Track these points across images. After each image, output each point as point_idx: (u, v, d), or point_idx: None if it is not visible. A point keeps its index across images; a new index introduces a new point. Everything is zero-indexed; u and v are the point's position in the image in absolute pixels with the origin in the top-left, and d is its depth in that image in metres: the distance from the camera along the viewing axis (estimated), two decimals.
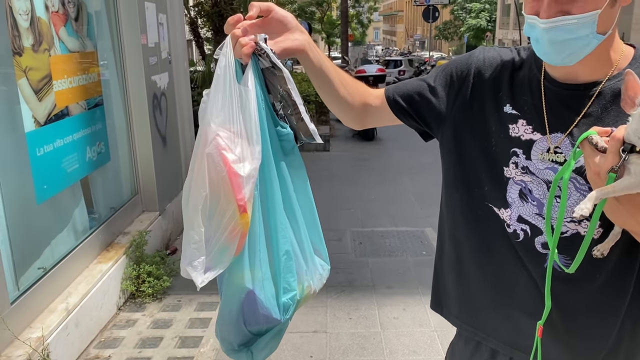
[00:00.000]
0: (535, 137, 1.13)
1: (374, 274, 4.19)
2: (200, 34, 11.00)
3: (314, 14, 34.36)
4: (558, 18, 1.00)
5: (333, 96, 1.29)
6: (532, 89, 1.15)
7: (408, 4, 55.20)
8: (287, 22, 1.13)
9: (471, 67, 1.24)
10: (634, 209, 0.95)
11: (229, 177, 1.03)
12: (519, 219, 1.16)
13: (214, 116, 1.05)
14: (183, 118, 5.15)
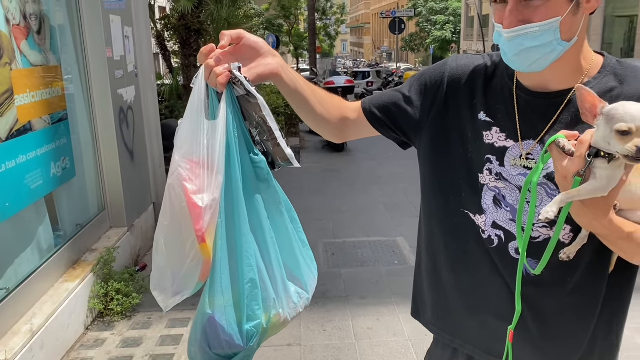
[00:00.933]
0: (509, 144, 1.15)
1: (347, 284, 4.18)
2: (167, 47, 10.90)
3: (281, 26, 34.48)
4: (520, 27, 1.02)
5: (311, 114, 1.31)
6: (505, 97, 1.17)
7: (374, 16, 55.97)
8: (259, 48, 1.14)
9: (445, 75, 1.26)
10: (598, 213, 0.97)
11: (189, 207, 1.05)
12: (493, 224, 1.18)
13: (178, 147, 1.07)
14: (151, 132, 5.08)
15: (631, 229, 1.01)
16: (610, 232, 1.00)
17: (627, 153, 0.88)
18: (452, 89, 1.24)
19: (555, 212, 0.95)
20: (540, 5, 1.01)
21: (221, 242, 1.09)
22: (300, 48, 35.98)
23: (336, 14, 44.09)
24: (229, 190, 1.09)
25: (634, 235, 1.01)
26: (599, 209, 0.97)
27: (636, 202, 1.02)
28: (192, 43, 9.77)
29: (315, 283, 1.24)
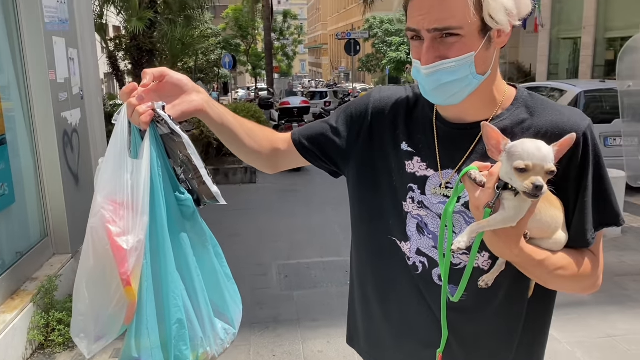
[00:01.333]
0: (429, 174, 1.19)
1: (299, 307, 4.15)
2: (119, 67, 10.75)
3: (239, 46, 34.54)
4: (437, 63, 1.06)
5: (241, 147, 1.31)
6: (426, 128, 1.21)
7: (332, 37, 56.76)
8: (183, 85, 1.14)
9: (369, 107, 1.29)
10: (510, 242, 1.00)
11: (112, 250, 1.03)
12: (417, 251, 1.20)
13: (100, 188, 1.05)
14: (97, 155, 4.95)
15: (542, 257, 1.05)
16: (522, 260, 1.04)
17: (524, 190, 0.92)
18: (376, 120, 1.27)
19: (467, 242, 0.98)
20: (456, 42, 1.05)
21: (147, 284, 1.07)
22: (258, 67, 36.10)
23: (293, 34, 44.52)
24: (154, 230, 1.08)
25: (545, 263, 1.05)
26: (510, 238, 1.00)
27: (546, 231, 1.06)
28: (145, 63, 9.67)
29: (241, 316, 1.23)
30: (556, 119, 1.11)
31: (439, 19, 1.04)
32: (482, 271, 1.14)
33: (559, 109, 1.14)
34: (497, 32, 1.07)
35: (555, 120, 1.11)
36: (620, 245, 5.40)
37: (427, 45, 1.06)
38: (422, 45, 1.08)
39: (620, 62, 4.90)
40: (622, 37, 15.27)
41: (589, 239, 1.11)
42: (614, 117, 6.94)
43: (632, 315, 3.90)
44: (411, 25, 1.09)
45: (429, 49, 1.06)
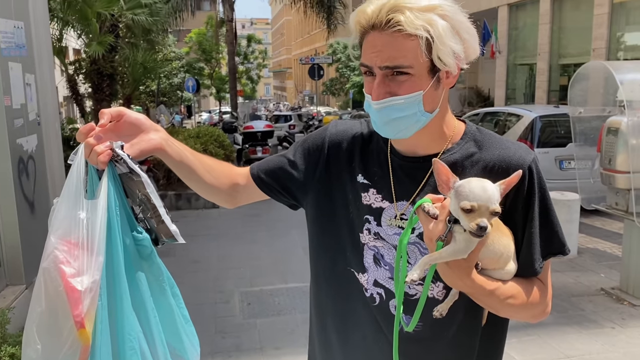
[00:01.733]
0: (385, 205, 1.22)
1: (262, 335, 4.10)
2: (79, 91, 10.56)
3: (202, 69, 34.46)
4: (387, 99, 1.11)
5: (199, 183, 1.31)
6: (381, 161, 1.25)
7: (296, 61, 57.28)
8: (141, 124, 1.15)
9: (325, 140, 1.32)
10: (461, 273, 1.03)
11: (66, 292, 1.01)
12: (374, 283, 1.22)
13: (54, 228, 1.03)
14: (54, 181, 4.83)
15: (493, 287, 1.09)
16: (474, 290, 1.07)
17: (469, 229, 0.95)
18: (333, 153, 1.31)
19: (419, 274, 1.01)
20: (406, 80, 1.10)
21: (102, 326, 1.04)
22: (222, 91, 36.03)
23: (258, 58, 44.70)
24: (110, 270, 1.06)
25: (496, 292, 1.09)
26: (461, 270, 1.04)
27: (497, 261, 1.09)
28: (105, 87, 9.54)
29: (198, 358, 1.21)
30: (503, 153, 1.16)
31: (391, 58, 1.08)
32: (437, 301, 1.16)
33: (505, 144, 1.19)
34: (445, 73, 1.12)
35: (502, 155, 1.16)
36: (576, 266, 5.55)
37: (378, 81, 1.11)
38: (374, 80, 1.12)
39: (572, 89, 5.11)
40: (574, 64, 15.91)
41: (537, 268, 1.15)
42: (568, 141, 7.19)
43: (588, 336, 4.00)
44: (364, 61, 1.13)
45: (379, 84, 1.11)
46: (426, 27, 1.05)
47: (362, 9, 1.12)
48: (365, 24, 1.11)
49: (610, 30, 15.19)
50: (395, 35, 1.07)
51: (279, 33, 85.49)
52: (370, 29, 1.10)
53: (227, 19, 20.41)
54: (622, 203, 4.68)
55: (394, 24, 1.07)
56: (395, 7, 1.07)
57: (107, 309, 1.05)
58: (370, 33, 1.11)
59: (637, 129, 4.48)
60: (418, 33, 1.05)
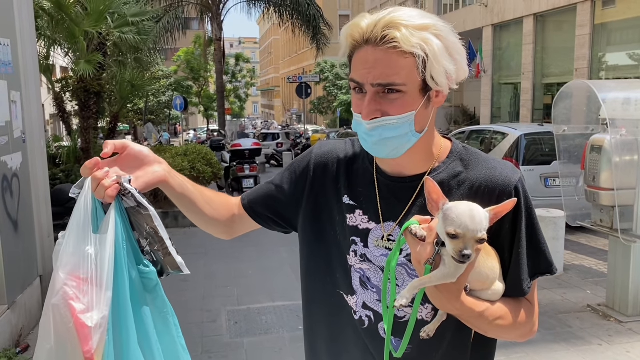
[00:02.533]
0: (371, 226, 1.20)
1: (249, 355, 4.05)
2: (65, 109, 10.49)
3: (190, 88, 34.51)
4: (380, 119, 1.09)
5: (199, 215, 1.31)
6: (367, 181, 1.23)
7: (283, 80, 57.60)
8: (144, 157, 1.14)
9: (310, 163, 1.32)
10: (450, 296, 1.02)
11: (76, 328, 0.99)
12: (363, 305, 1.21)
13: (63, 263, 1.01)
14: (39, 200, 4.78)
15: (482, 309, 1.08)
16: (463, 312, 1.06)
17: (453, 255, 0.95)
18: (318, 175, 1.29)
19: (408, 299, 1.00)
20: (397, 98, 1.08)
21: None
22: (210, 109, 36.07)
23: (246, 77, 44.91)
24: (117, 305, 1.05)
25: (485, 314, 1.08)
26: (451, 293, 1.02)
27: (485, 283, 1.09)
28: (92, 105, 9.48)
29: None
30: (489, 173, 1.15)
31: (384, 75, 1.06)
32: (425, 323, 1.15)
33: (491, 163, 1.18)
34: (435, 93, 1.11)
35: (488, 175, 1.15)
36: (563, 283, 5.58)
37: (369, 98, 1.09)
38: (364, 98, 1.10)
39: (555, 107, 5.18)
40: (558, 83, 16.18)
41: (525, 288, 1.14)
42: (553, 159, 7.28)
43: (575, 352, 4.00)
44: (355, 78, 1.11)
45: (370, 102, 1.08)
46: (422, 46, 1.04)
47: (356, 23, 1.10)
48: (359, 38, 1.09)
49: (592, 51, 15.51)
50: (389, 52, 1.05)
51: (267, 52, 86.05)
52: (364, 43, 1.08)
53: (216, 38, 20.52)
54: (606, 220, 4.73)
55: (390, 40, 1.05)
56: (391, 23, 1.05)
57: (113, 344, 1.04)
58: (362, 48, 1.09)
59: (620, 147, 4.55)
60: (414, 51, 1.04)
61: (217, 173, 10.92)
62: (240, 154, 10.56)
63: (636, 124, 4.40)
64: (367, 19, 1.09)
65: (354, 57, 1.11)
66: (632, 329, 4.38)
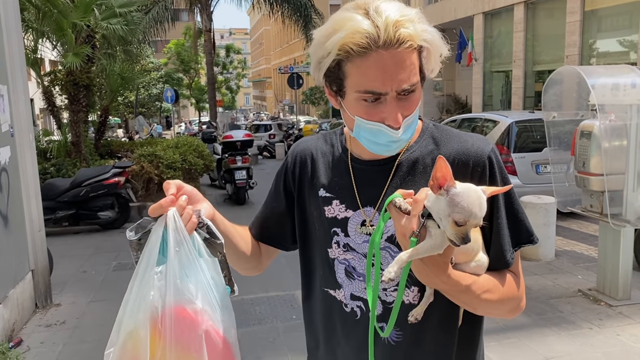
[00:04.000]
0: (349, 214, 1.20)
1: (243, 345, 4.05)
2: (55, 102, 10.41)
3: (181, 80, 34.31)
4: (406, 120, 1.08)
5: (235, 251, 1.30)
6: (341, 171, 1.24)
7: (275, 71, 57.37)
8: (195, 195, 1.16)
9: (289, 165, 1.33)
10: (437, 270, 1.02)
11: (224, 351, 1.06)
12: (352, 297, 1.21)
13: (192, 295, 1.04)
14: (29, 194, 4.75)
15: (469, 281, 1.07)
16: (450, 286, 1.05)
17: (453, 239, 0.94)
18: (296, 174, 1.31)
19: (396, 272, 0.97)
20: (413, 95, 1.08)
21: None
22: (201, 101, 35.91)
23: (237, 68, 44.69)
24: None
25: (472, 287, 1.07)
26: (438, 266, 1.01)
27: (470, 254, 1.08)
28: (82, 99, 9.41)
29: None
30: (461, 146, 1.16)
31: (407, 79, 1.04)
32: (412, 306, 1.15)
33: (462, 137, 1.19)
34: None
35: (460, 148, 1.15)
36: (554, 269, 5.62)
37: (393, 105, 1.06)
38: (380, 105, 1.06)
39: (545, 94, 5.19)
40: (549, 70, 16.17)
41: (509, 259, 1.14)
42: (544, 146, 7.30)
43: (566, 337, 4.04)
44: (374, 89, 1.04)
45: (396, 108, 1.06)
46: (427, 38, 1.04)
47: (354, 29, 1.02)
48: (367, 44, 1.01)
49: (582, 38, 15.51)
50: (405, 52, 1.02)
51: (258, 43, 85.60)
52: (377, 48, 1.01)
53: (206, 29, 20.40)
54: (596, 205, 4.76)
55: (405, 39, 1.01)
56: (398, 22, 1.01)
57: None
58: (372, 53, 1.02)
59: (609, 132, 4.57)
60: (423, 45, 1.04)
61: (209, 165, 10.89)
62: (232, 146, 10.50)
63: (625, 109, 4.41)
64: (368, 21, 1.02)
65: (357, 65, 1.04)
66: (622, 313, 4.43)
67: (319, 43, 1.08)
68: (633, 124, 4.39)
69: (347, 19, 1.04)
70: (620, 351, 3.80)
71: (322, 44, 1.07)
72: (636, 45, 13.54)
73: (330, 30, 1.05)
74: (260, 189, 10.74)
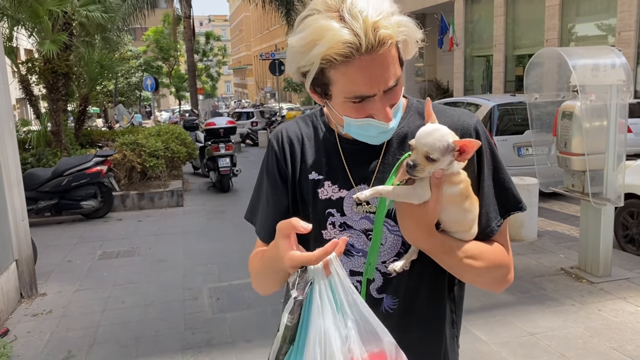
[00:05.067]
0: (343, 194, 1.21)
1: (233, 329, 4.08)
2: (33, 92, 10.22)
3: (161, 68, 33.86)
4: (395, 112, 1.12)
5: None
6: (330, 152, 1.24)
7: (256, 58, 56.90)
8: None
9: (277, 150, 1.28)
10: (419, 225, 1.07)
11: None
12: (350, 273, 1.21)
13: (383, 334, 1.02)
14: (11, 183, 4.68)
15: (452, 244, 1.11)
16: (433, 246, 1.10)
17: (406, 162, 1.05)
18: (288, 161, 1.27)
19: (369, 195, 1.06)
20: (397, 85, 1.10)
21: None
22: (181, 89, 35.49)
23: (217, 55, 44.20)
24: None
25: (456, 250, 1.11)
26: (420, 221, 1.07)
27: (463, 224, 1.12)
28: (60, 87, 9.25)
29: None
30: (448, 120, 1.19)
31: (391, 77, 1.06)
32: (399, 277, 1.18)
33: (448, 112, 1.22)
34: None
35: (447, 122, 1.16)
36: (537, 249, 5.72)
37: (382, 102, 1.08)
38: (368, 104, 1.08)
39: (527, 76, 5.24)
40: (529, 54, 16.30)
41: (494, 226, 1.18)
42: (525, 129, 7.39)
43: (550, 313, 4.13)
44: (361, 93, 1.06)
45: (385, 104, 1.09)
46: (403, 30, 1.06)
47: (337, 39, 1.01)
48: (350, 53, 1.01)
49: (561, 22, 15.64)
50: (387, 51, 1.03)
51: (238, 29, 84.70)
52: (360, 55, 1.01)
53: (185, 16, 20.11)
54: (578, 184, 4.84)
55: (385, 40, 1.02)
56: (376, 24, 1.01)
57: None
58: (354, 60, 1.02)
59: (590, 113, 4.64)
60: (401, 38, 1.06)
61: (192, 153, 10.81)
62: (214, 133, 10.42)
63: (605, 89, 4.48)
64: (345, 30, 1.01)
65: (342, 72, 1.04)
66: (603, 289, 4.54)
67: (298, 52, 1.06)
68: (613, 104, 4.46)
69: (325, 28, 1.02)
70: (602, 326, 3.89)
71: (301, 54, 1.06)
72: (614, 29, 13.70)
73: (309, 40, 1.04)
74: (244, 177, 10.71)
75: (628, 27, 13.08)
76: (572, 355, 3.49)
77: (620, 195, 4.64)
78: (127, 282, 5.24)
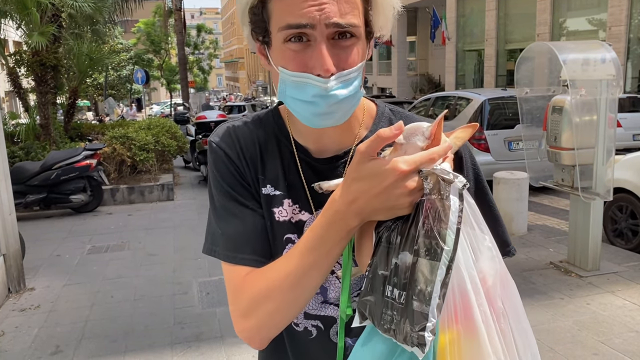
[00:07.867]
0: (304, 217, 0.98)
1: (223, 324, 4.06)
2: (21, 85, 10.12)
3: (152, 61, 33.65)
4: (342, 72, 0.84)
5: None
6: (289, 164, 1.00)
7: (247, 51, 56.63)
8: None
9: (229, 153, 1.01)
10: None
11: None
12: (305, 315, 1.00)
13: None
14: None
15: None
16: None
17: None
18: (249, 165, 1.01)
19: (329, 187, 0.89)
20: (351, 45, 0.85)
21: None
22: (172, 82, 35.31)
23: (209, 48, 44.00)
24: None
25: None
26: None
27: None
28: (49, 80, 9.17)
29: None
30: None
31: (342, 11, 0.82)
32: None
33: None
34: (372, 41, 0.92)
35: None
36: (527, 242, 5.75)
37: (326, 46, 0.83)
38: (308, 48, 0.84)
39: (518, 70, 5.24)
40: (520, 49, 16.33)
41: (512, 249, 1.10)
42: (516, 123, 7.41)
43: (538, 307, 4.15)
44: (295, 20, 0.82)
45: (326, 53, 0.83)
46: None
47: None
48: None
49: (553, 16, 15.70)
50: None
51: (230, 22, 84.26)
52: None
53: (176, 8, 20.00)
54: (567, 179, 4.86)
55: None
56: None
57: None
58: None
59: (580, 107, 4.65)
60: None
61: (183, 147, 10.77)
62: (205, 126, 10.41)
63: (595, 84, 4.49)
64: None
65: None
66: (591, 283, 4.56)
67: None
68: (602, 99, 4.47)
69: None
70: (590, 319, 3.92)
71: None
72: (605, 24, 13.76)
73: None
74: None
75: (618, 22, 13.15)
76: (560, 349, 3.51)
77: (610, 190, 4.66)
78: (116, 276, 5.21)
